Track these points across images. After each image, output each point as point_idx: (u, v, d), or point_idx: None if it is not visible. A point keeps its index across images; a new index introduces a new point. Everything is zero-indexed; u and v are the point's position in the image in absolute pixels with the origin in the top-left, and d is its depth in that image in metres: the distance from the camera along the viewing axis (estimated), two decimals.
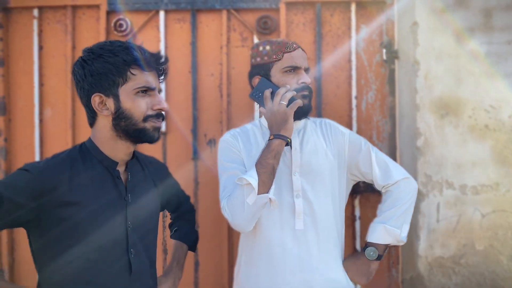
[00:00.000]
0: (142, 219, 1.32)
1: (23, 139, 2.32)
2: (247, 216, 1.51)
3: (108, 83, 1.21)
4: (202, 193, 2.30)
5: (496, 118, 2.11)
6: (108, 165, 1.26)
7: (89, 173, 1.23)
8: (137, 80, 1.22)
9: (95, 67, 1.21)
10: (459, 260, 2.11)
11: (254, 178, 1.48)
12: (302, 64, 1.64)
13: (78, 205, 1.18)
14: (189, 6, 2.30)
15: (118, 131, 1.24)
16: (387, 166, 1.70)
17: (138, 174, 1.36)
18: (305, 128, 1.71)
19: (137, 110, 1.22)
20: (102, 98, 1.22)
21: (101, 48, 1.22)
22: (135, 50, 1.22)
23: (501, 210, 2.10)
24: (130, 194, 1.29)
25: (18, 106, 2.33)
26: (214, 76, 2.32)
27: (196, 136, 2.30)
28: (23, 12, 2.32)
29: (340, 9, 2.32)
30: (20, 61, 2.33)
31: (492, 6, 2.12)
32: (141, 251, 1.30)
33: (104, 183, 1.25)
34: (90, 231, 1.19)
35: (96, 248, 1.20)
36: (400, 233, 1.64)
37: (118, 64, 1.20)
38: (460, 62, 2.12)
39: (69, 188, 1.18)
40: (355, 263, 1.68)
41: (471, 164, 2.11)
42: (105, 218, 1.22)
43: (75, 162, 1.23)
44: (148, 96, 1.24)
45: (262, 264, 1.61)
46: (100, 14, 2.29)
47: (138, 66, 1.21)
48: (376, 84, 2.31)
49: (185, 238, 1.63)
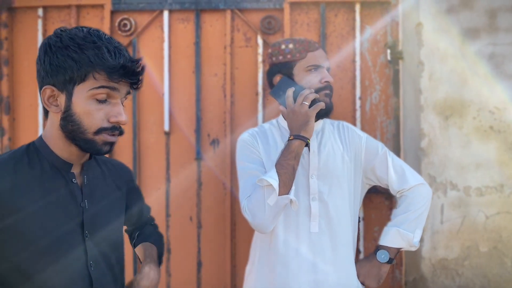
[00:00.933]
0: (103, 228, 1.14)
1: (27, 138, 2.33)
2: (268, 217, 1.51)
3: (65, 78, 1.04)
4: (205, 193, 2.30)
5: (501, 120, 2.10)
6: (60, 167, 1.09)
7: (36, 175, 1.06)
8: (95, 83, 1.04)
9: (57, 58, 1.04)
10: (462, 262, 2.10)
11: (275, 179, 1.48)
12: (325, 63, 1.66)
13: (22, 212, 1.02)
14: (193, 6, 2.30)
15: (65, 132, 1.07)
16: (403, 172, 1.69)
17: (96, 177, 1.18)
18: (323, 130, 1.71)
19: (89, 119, 1.04)
20: (54, 92, 1.05)
21: (71, 39, 1.04)
22: (109, 52, 1.03)
23: (505, 212, 2.09)
24: (86, 199, 1.12)
25: (23, 105, 2.33)
26: (218, 76, 2.32)
27: (199, 136, 2.30)
28: (27, 12, 2.33)
29: (345, 10, 2.32)
30: (25, 61, 2.34)
31: (497, 7, 2.11)
32: (101, 263, 1.13)
33: (54, 187, 1.08)
34: (39, 242, 1.02)
35: (50, 261, 1.04)
36: (413, 238, 1.64)
37: (82, 63, 1.02)
38: (465, 63, 2.11)
39: (10, 192, 1.02)
40: (366, 265, 1.68)
41: (475, 165, 2.10)
42: (56, 226, 1.05)
43: (19, 163, 1.06)
44: (107, 104, 1.06)
45: (276, 265, 1.62)
46: (105, 14, 2.30)
47: (104, 72, 1.03)
48: (380, 85, 2.30)
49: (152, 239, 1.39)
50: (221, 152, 2.28)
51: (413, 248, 1.68)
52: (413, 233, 1.64)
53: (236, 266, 2.30)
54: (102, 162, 1.24)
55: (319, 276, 1.59)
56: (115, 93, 1.06)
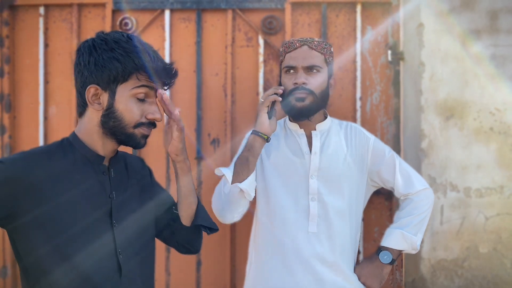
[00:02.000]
0: (129, 217, 1.22)
1: (27, 136, 2.33)
2: (224, 205, 1.59)
3: (109, 77, 1.13)
4: (206, 192, 2.30)
5: (501, 121, 2.10)
6: (93, 159, 1.18)
7: (69, 167, 1.15)
8: (137, 83, 1.15)
9: (103, 59, 1.13)
10: (462, 263, 2.10)
11: (230, 170, 1.58)
12: (299, 63, 1.60)
13: (56, 199, 1.11)
14: (194, 5, 2.30)
15: (105, 128, 1.17)
16: (410, 176, 1.70)
17: (121, 171, 1.27)
18: (329, 131, 1.71)
19: (129, 115, 1.15)
20: (98, 91, 1.15)
21: (116, 42, 1.14)
22: (150, 57, 1.15)
23: (505, 213, 2.09)
24: (114, 191, 1.21)
25: (23, 103, 2.34)
26: (219, 76, 2.32)
27: (199, 135, 2.30)
28: (29, 10, 2.33)
29: (346, 10, 2.32)
30: (26, 59, 2.34)
31: (498, 8, 2.11)
32: (129, 250, 1.21)
33: (85, 178, 1.16)
34: (70, 228, 1.11)
35: (81, 246, 1.12)
36: (416, 241, 1.66)
37: (126, 66, 1.13)
38: (466, 64, 2.11)
39: (44, 179, 1.10)
40: (368, 267, 1.68)
41: (476, 166, 2.10)
42: (85, 214, 1.14)
43: (53, 154, 1.15)
44: (144, 103, 1.18)
45: (274, 265, 1.62)
46: (106, 13, 2.30)
47: (146, 74, 1.15)
48: (381, 86, 2.30)
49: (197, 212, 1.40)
50: (221, 151, 2.29)
51: (414, 251, 1.68)
52: (416, 236, 1.65)
53: (236, 265, 2.30)
54: (123, 158, 1.32)
55: (317, 277, 1.59)
56: (152, 92, 1.18)
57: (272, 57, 2.31)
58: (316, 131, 1.69)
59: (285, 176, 1.65)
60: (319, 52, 1.63)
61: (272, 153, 1.67)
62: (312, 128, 1.70)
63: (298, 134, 1.69)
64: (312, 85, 1.60)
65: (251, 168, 1.57)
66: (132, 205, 1.26)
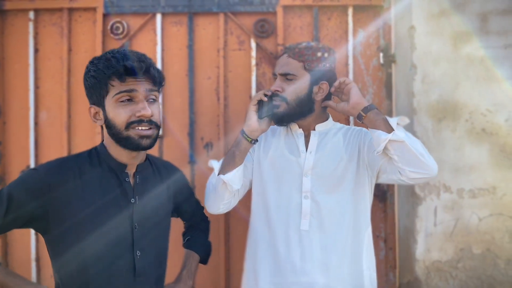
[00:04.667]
0: (151, 222, 1.34)
1: (18, 142, 2.30)
2: (210, 194, 1.66)
3: (96, 95, 1.27)
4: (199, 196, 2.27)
5: (493, 122, 2.11)
6: (116, 167, 1.31)
7: (95, 173, 1.28)
8: (116, 90, 1.25)
9: (87, 81, 1.28)
10: (456, 264, 2.11)
11: (218, 163, 1.66)
12: (277, 71, 1.68)
13: (82, 203, 1.23)
14: (186, 9, 2.29)
15: (112, 138, 1.30)
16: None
17: (149, 178, 1.39)
18: (328, 132, 1.73)
19: (118, 118, 1.25)
20: (96, 109, 1.30)
21: (91, 62, 1.28)
22: (118, 60, 1.23)
23: (498, 214, 2.10)
24: (137, 196, 1.32)
25: (13, 109, 2.31)
26: (211, 79, 2.31)
27: (192, 139, 2.29)
28: (18, 15, 2.31)
29: (337, 13, 2.32)
30: (16, 64, 2.31)
31: (488, 10, 2.12)
32: (149, 253, 1.32)
33: (109, 184, 1.29)
34: (92, 229, 1.23)
35: (100, 246, 1.24)
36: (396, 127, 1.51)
37: (99, 77, 1.24)
38: (457, 66, 2.12)
39: (74, 185, 1.24)
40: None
41: (468, 168, 2.11)
42: (108, 216, 1.26)
43: (82, 163, 1.29)
44: (131, 104, 1.26)
45: (266, 262, 1.65)
46: (97, 17, 2.28)
47: (116, 77, 1.24)
48: (373, 88, 2.31)
49: (197, 248, 1.63)
50: (214, 155, 2.27)
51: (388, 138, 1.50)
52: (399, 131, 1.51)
53: (230, 269, 2.28)
54: (154, 163, 1.45)
55: (308, 277, 1.59)
56: (134, 93, 1.25)
57: (264, 60, 2.31)
58: (315, 131, 1.72)
59: (280, 174, 1.68)
60: (297, 59, 1.65)
61: (270, 151, 1.72)
62: (311, 128, 1.73)
63: (297, 134, 1.72)
64: (286, 92, 1.66)
65: (237, 162, 1.62)
66: (156, 209, 1.37)
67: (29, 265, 2.25)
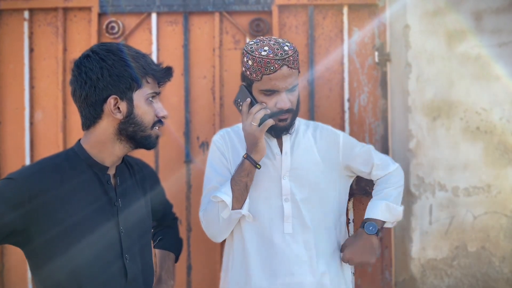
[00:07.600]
0: (135, 224, 1.31)
1: (13, 142, 2.30)
2: (222, 228, 1.59)
3: (126, 86, 1.20)
4: (195, 196, 2.29)
5: (488, 120, 2.12)
6: (97, 170, 1.25)
7: (77, 178, 1.21)
8: (150, 88, 1.25)
9: (116, 69, 1.19)
10: (451, 262, 2.12)
11: (228, 195, 1.53)
12: (282, 87, 1.51)
13: (67, 211, 1.17)
14: (181, 8, 2.29)
15: (122, 135, 1.24)
16: (385, 160, 1.74)
17: (128, 179, 1.34)
18: (297, 131, 1.70)
19: (147, 117, 1.24)
20: (117, 100, 1.21)
21: (121, 51, 1.22)
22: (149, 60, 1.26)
23: (493, 212, 2.11)
24: (120, 199, 1.28)
25: (9, 108, 2.30)
26: (207, 79, 2.31)
27: (188, 139, 2.29)
28: (13, 14, 2.30)
29: (333, 12, 2.33)
30: (11, 64, 2.31)
31: (482, 9, 2.13)
32: (136, 256, 1.29)
33: (93, 188, 1.23)
34: (81, 237, 1.18)
35: (90, 254, 1.19)
36: (400, 211, 1.68)
37: (139, 72, 1.21)
38: (452, 65, 2.13)
39: (57, 193, 1.16)
40: (357, 243, 1.62)
41: (463, 166, 2.12)
42: (96, 223, 1.21)
43: (62, 167, 1.20)
44: (152, 103, 1.27)
45: (253, 268, 1.61)
46: (92, 16, 2.28)
47: (153, 76, 1.25)
48: (369, 87, 2.32)
49: (172, 247, 1.61)
50: None
51: (393, 224, 1.71)
52: (399, 207, 1.68)
53: None
54: (131, 165, 1.39)
55: (297, 279, 1.59)
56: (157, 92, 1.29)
57: None
58: None
59: (257, 179, 1.60)
60: (296, 68, 1.55)
61: (240, 153, 1.64)
62: None
63: (268, 136, 1.65)
64: (293, 103, 1.57)
65: (248, 191, 1.57)
66: (138, 211, 1.34)
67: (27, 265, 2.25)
